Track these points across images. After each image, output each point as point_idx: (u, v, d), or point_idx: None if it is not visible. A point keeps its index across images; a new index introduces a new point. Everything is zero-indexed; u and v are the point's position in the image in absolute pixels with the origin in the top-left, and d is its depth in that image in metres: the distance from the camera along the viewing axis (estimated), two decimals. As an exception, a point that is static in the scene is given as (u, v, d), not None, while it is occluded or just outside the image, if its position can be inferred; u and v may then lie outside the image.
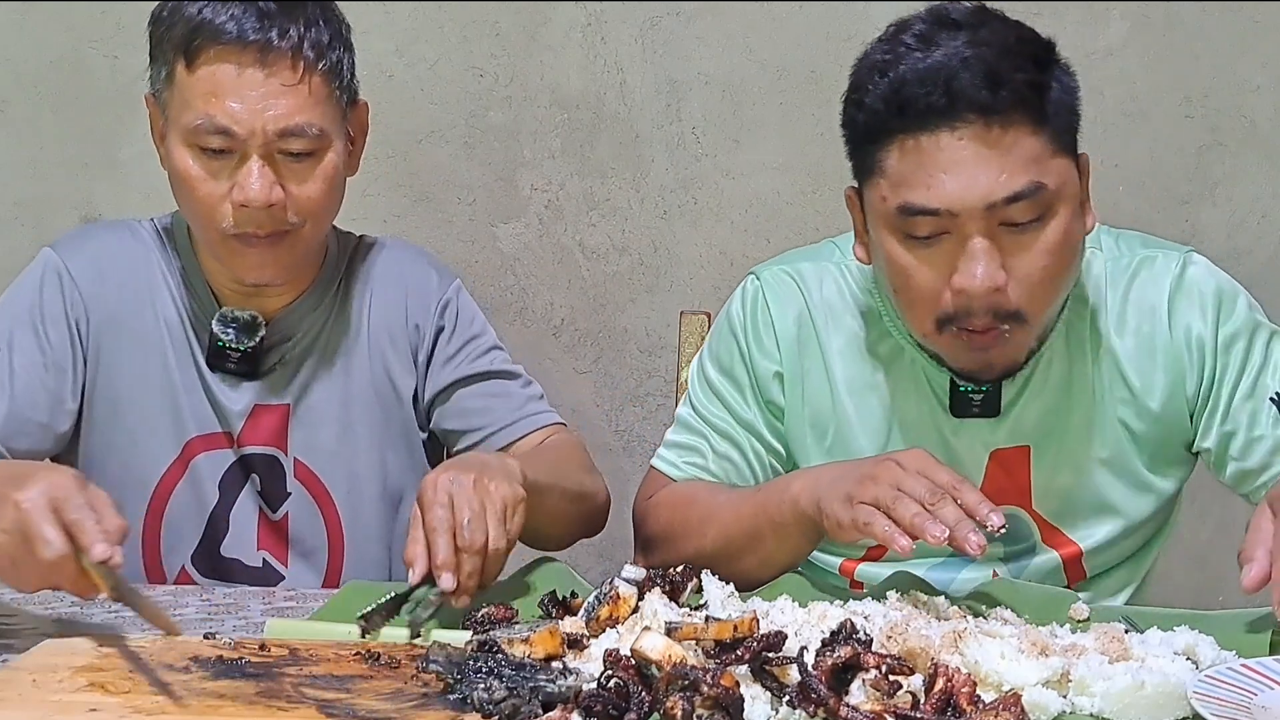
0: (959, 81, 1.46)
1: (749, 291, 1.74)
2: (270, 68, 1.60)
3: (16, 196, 2.52)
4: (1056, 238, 1.51)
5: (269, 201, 1.62)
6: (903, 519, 1.37)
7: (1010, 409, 1.64)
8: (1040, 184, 1.48)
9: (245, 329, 1.73)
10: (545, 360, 2.55)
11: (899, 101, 1.49)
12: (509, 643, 1.23)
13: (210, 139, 1.61)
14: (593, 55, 2.51)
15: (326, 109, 1.65)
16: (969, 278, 1.48)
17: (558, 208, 2.54)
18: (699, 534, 1.59)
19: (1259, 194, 2.53)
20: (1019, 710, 1.12)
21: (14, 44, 2.49)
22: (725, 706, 1.09)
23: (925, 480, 1.39)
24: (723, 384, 1.72)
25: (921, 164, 1.48)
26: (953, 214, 1.48)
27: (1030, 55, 1.50)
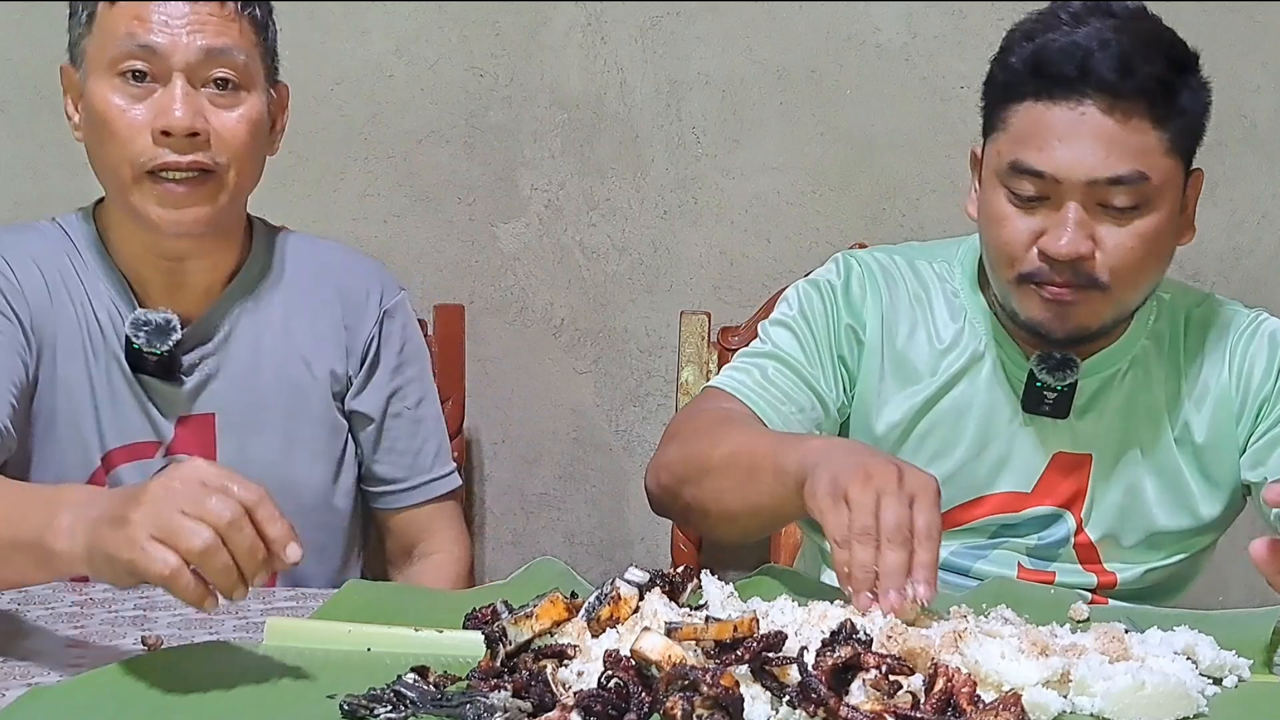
0: (1093, 60, 1.54)
1: (844, 263, 1.78)
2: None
3: (16, 196, 2.52)
4: (1148, 229, 1.57)
5: (191, 127, 1.59)
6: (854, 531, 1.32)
7: (1078, 417, 1.69)
8: (1143, 174, 1.55)
9: (159, 332, 1.68)
10: (545, 360, 2.55)
11: (1035, 65, 1.57)
12: (513, 622, 1.23)
13: (133, 62, 1.59)
14: (593, 55, 2.51)
15: (251, 52, 1.64)
16: (1055, 242, 1.57)
17: (558, 208, 2.54)
18: (713, 443, 1.58)
19: (1259, 194, 2.53)
20: (1019, 710, 1.12)
21: (14, 44, 2.49)
22: (725, 706, 1.09)
23: (905, 513, 1.32)
24: (798, 323, 1.74)
25: (1040, 128, 1.57)
26: (1056, 180, 1.56)
27: (1168, 55, 1.57)
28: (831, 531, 1.34)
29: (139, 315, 1.68)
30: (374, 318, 1.80)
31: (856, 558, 1.31)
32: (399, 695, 1.16)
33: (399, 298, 1.84)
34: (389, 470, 1.83)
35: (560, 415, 2.57)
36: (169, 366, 1.69)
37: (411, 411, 1.83)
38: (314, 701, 1.17)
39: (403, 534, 1.85)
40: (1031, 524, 1.72)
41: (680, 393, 2.22)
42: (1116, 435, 1.70)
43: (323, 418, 1.79)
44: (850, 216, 2.52)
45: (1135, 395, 1.71)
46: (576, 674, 1.18)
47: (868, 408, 1.74)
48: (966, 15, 2.47)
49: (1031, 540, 1.72)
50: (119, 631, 1.41)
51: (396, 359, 1.82)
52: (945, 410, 1.72)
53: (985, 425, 1.71)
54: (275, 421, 1.76)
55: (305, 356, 1.77)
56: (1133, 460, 1.71)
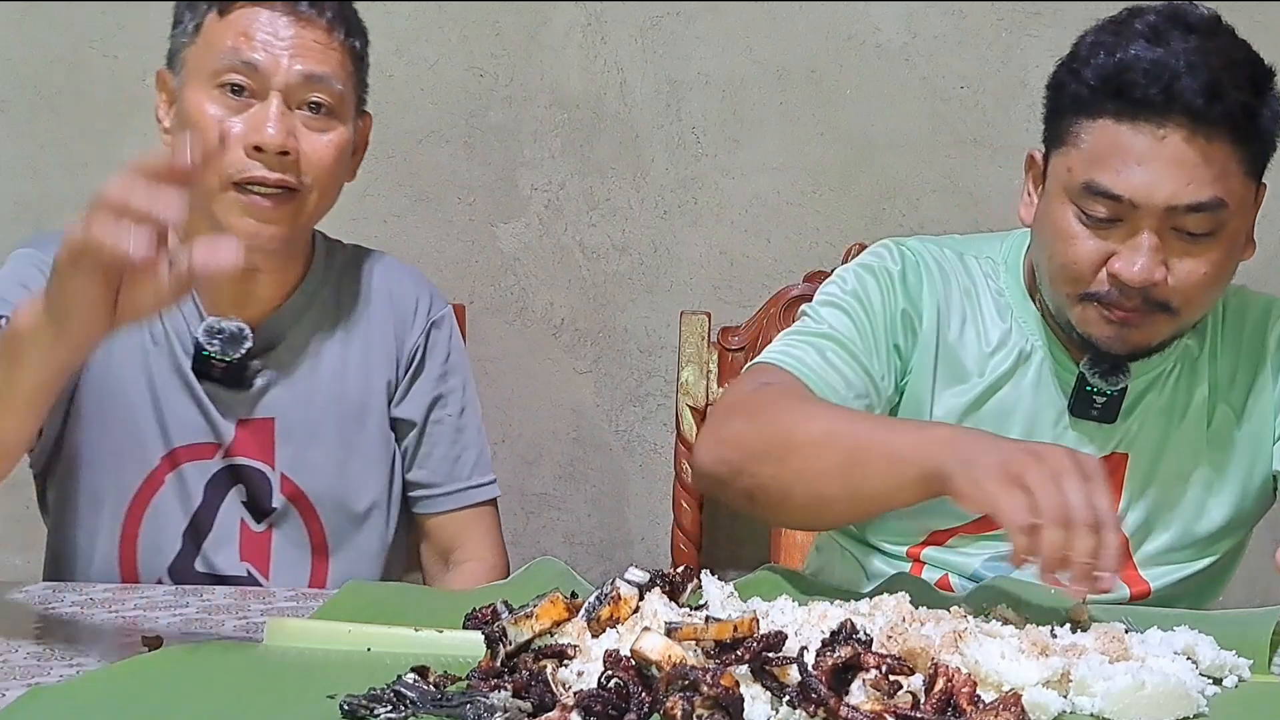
0: (1180, 83, 1.49)
1: (895, 250, 1.72)
2: (303, 23, 1.65)
3: (16, 196, 2.52)
4: (1221, 255, 1.55)
5: (283, 146, 1.62)
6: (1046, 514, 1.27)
7: (1124, 419, 1.67)
8: (1222, 201, 1.52)
9: (231, 341, 1.71)
10: (545, 360, 2.55)
11: (1118, 84, 1.52)
12: (513, 622, 1.23)
13: (234, 75, 1.63)
14: (593, 55, 2.51)
15: (347, 82, 1.69)
16: (1128, 267, 1.53)
17: (558, 208, 2.54)
18: (799, 420, 1.51)
19: (1259, 194, 2.53)
20: (1019, 710, 1.12)
21: (14, 44, 2.49)
22: (725, 706, 1.09)
23: (1086, 493, 1.28)
24: (853, 307, 1.68)
25: (1119, 149, 1.52)
26: (1134, 205, 1.52)
27: (1251, 76, 1.54)
28: (1016, 517, 1.27)
29: (212, 324, 1.71)
30: (421, 328, 1.84)
31: (1051, 541, 1.25)
32: (399, 695, 1.16)
33: (445, 310, 1.88)
34: (426, 475, 1.85)
35: (560, 415, 2.57)
36: (236, 374, 1.72)
37: (453, 419, 1.85)
38: (314, 701, 1.17)
39: (438, 539, 1.87)
40: None
41: (680, 393, 2.22)
42: (1157, 434, 1.68)
43: (378, 426, 1.82)
44: (850, 216, 2.52)
45: (1177, 394, 1.69)
46: (576, 674, 1.18)
47: (918, 402, 1.69)
48: (966, 15, 2.47)
49: None
50: (119, 631, 1.41)
51: (441, 368, 1.85)
52: (990, 411, 1.68)
53: (1030, 428, 1.68)
54: (332, 429, 1.78)
55: (362, 366, 1.80)
56: (1170, 459, 1.68)
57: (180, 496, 1.74)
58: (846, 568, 1.78)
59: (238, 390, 1.73)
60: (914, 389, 1.70)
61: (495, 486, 1.90)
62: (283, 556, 1.77)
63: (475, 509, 1.87)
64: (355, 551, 1.81)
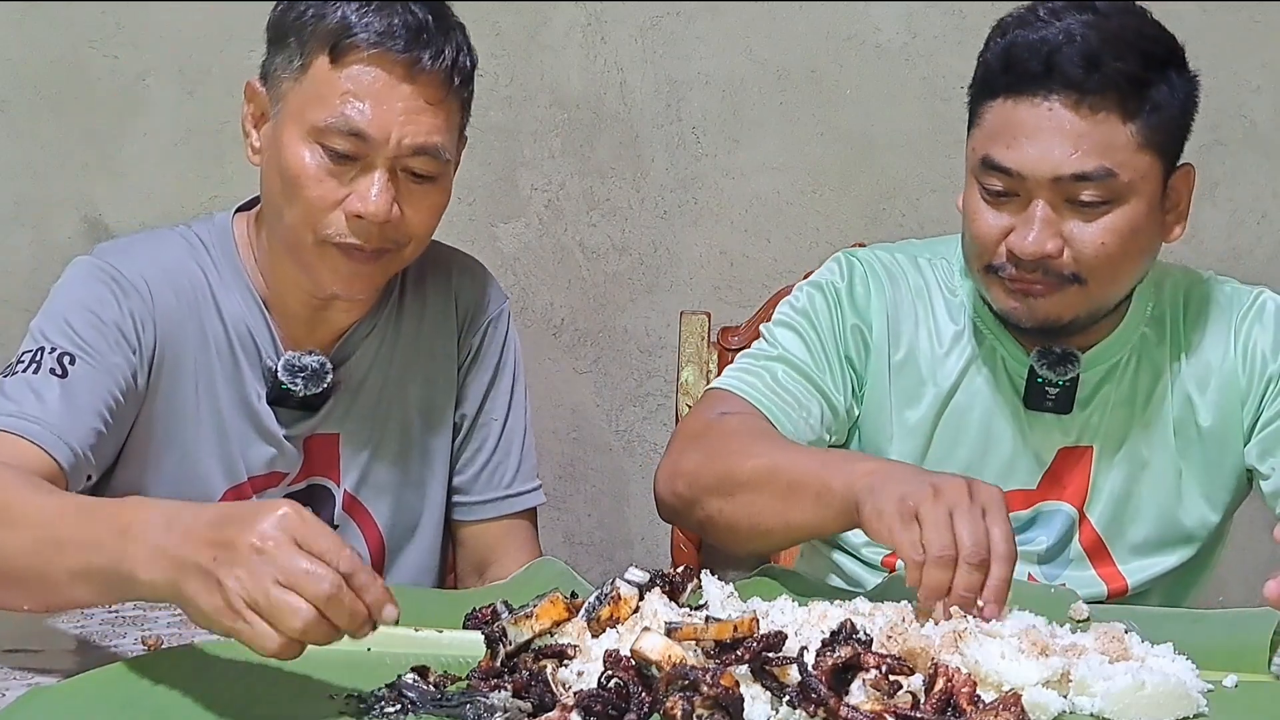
0: (1059, 55, 1.53)
1: (845, 263, 1.77)
2: (418, 83, 1.54)
3: (16, 196, 2.52)
4: (1120, 224, 1.56)
5: (387, 218, 1.54)
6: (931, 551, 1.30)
7: (1080, 409, 1.68)
8: (1110, 170, 1.54)
9: (314, 377, 1.64)
10: (545, 360, 2.55)
11: (1006, 61, 1.57)
12: (513, 622, 1.22)
13: (340, 140, 1.52)
14: (593, 55, 2.51)
15: (454, 136, 1.61)
16: (1021, 240, 1.57)
17: (558, 208, 2.54)
18: (745, 457, 1.56)
19: (1259, 194, 2.53)
20: (1019, 710, 1.12)
21: (14, 44, 2.49)
22: (725, 706, 1.09)
23: (981, 528, 1.31)
24: (803, 326, 1.73)
25: (1009, 124, 1.56)
26: (1022, 177, 1.55)
27: (1141, 50, 1.55)
28: (906, 552, 1.33)
29: (293, 360, 1.64)
30: (479, 326, 1.78)
31: (933, 579, 1.30)
32: (399, 695, 1.17)
33: (503, 306, 1.81)
34: (466, 481, 1.78)
35: (560, 415, 2.57)
36: (314, 404, 1.67)
37: (497, 424, 1.79)
38: (314, 701, 1.17)
39: (473, 549, 1.80)
40: (1038, 524, 1.71)
41: (680, 393, 2.22)
42: (1119, 426, 1.69)
43: (441, 435, 1.76)
44: (850, 216, 2.52)
45: (1137, 384, 1.70)
46: (576, 674, 1.18)
47: (880, 413, 1.72)
48: (966, 15, 2.47)
49: (1040, 546, 1.70)
50: (119, 631, 1.40)
51: (494, 368, 1.79)
52: (950, 416, 1.71)
53: (988, 424, 1.70)
54: (395, 441, 1.73)
55: (427, 374, 1.75)
56: (1134, 449, 1.69)
57: None
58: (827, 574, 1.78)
59: (311, 415, 1.68)
60: (872, 400, 1.73)
61: (538, 494, 1.82)
62: None
63: (513, 520, 1.80)
64: (410, 564, 1.76)
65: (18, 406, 1.48)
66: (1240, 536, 1.80)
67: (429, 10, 1.57)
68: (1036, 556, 1.71)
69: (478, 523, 1.79)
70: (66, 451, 1.47)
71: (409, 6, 1.55)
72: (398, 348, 1.73)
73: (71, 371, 1.52)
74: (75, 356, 1.53)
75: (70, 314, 1.56)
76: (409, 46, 1.53)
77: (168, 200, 2.47)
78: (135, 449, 1.61)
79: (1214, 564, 1.78)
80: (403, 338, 1.73)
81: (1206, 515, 1.71)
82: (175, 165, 2.51)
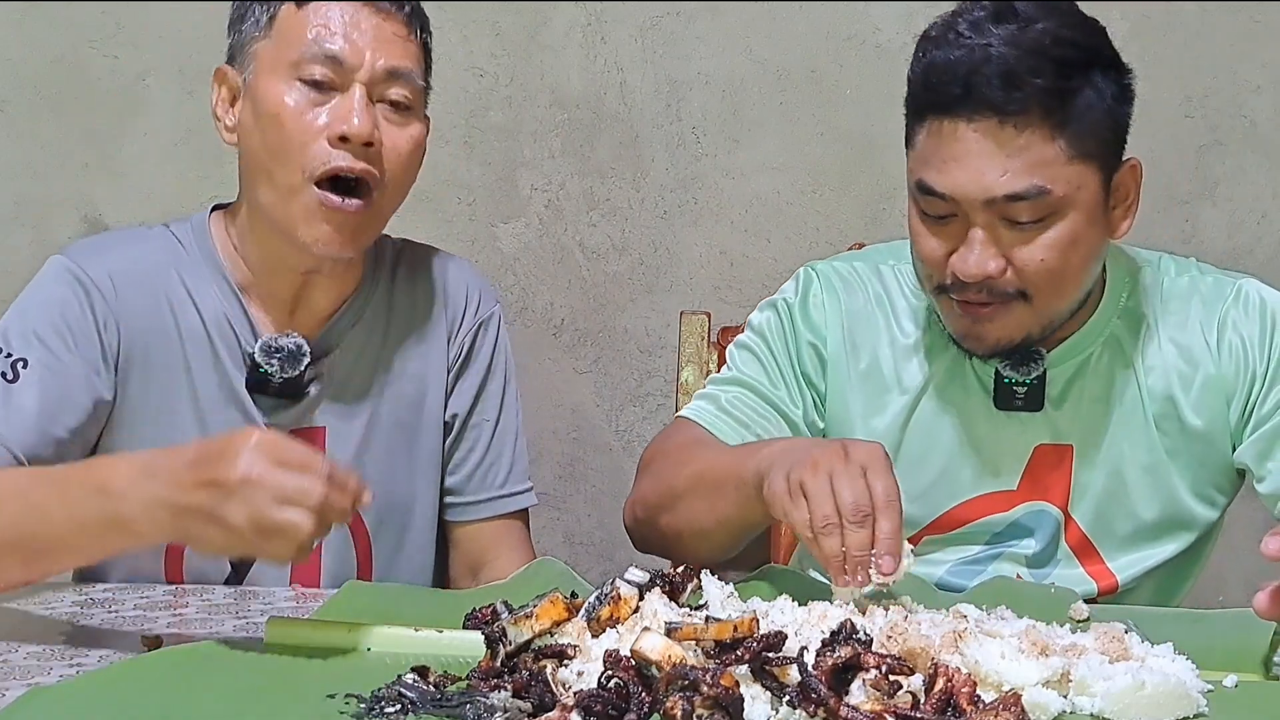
0: (977, 77, 1.50)
1: (803, 278, 1.77)
2: (383, 16, 1.61)
3: (16, 196, 2.52)
4: (1060, 238, 1.54)
5: (370, 136, 1.58)
6: (815, 523, 1.34)
7: (1054, 407, 1.67)
8: (1043, 188, 1.51)
9: (290, 358, 1.66)
10: (545, 360, 2.55)
11: (925, 83, 1.55)
12: (513, 622, 1.23)
13: (316, 67, 1.58)
14: (593, 55, 2.51)
15: (423, 79, 1.66)
16: (962, 262, 1.55)
17: (558, 208, 2.54)
18: (680, 467, 1.61)
19: (1259, 194, 2.53)
20: (1019, 710, 1.12)
21: (14, 44, 2.49)
22: (725, 706, 1.09)
23: (860, 486, 1.34)
24: (759, 345, 1.74)
25: (939, 148, 1.55)
26: (956, 200, 1.54)
27: (1060, 59, 1.51)
28: (798, 528, 1.36)
29: (269, 342, 1.66)
30: (470, 327, 1.80)
31: (826, 548, 1.33)
32: (399, 695, 1.17)
33: (494, 309, 1.83)
34: (458, 481, 1.80)
35: (560, 415, 2.57)
36: (292, 387, 1.68)
37: (489, 424, 1.80)
38: (314, 701, 1.17)
39: (467, 550, 1.81)
40: (1022, 525, 1.70)
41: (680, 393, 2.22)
42: (1096, 422, 1.68)
43: (432, 433, 1.77)
44: (850, 216, 2.52)
45: (1113, 378, 1.68)
46: (576, 674, 1.18)
47: (846, 425, 1.72)
48: (966, 15, 2.47)
49: (1027, 548, 1.69)
50: (119, 631, 1.41)
51: (485, 370, 1.80)
52: (920, 421, 1.70)
53: (962, 427, 1.69)
54: (384, 437, 1.74)
55: (416, 372, 1.76)
56: (1115, 445, 1.68)
57: None
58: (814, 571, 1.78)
59: (293, 402, 1.69)
60: (836, 412, 1.73)
61: (530, 495, 1.83)
62: (331, 572, 1.72)
63: (505, 520, 1.81)
64: (402, 563, 1.76)
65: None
66: (1240, 537, 1.80)
67: None
68: (1025, 559, 1.70)
69: (471, 523, 1.80)
70: (7, 457, 1.51)
71: None
72: (387, 345, 1.74)
73: (23, 376, 1.57)
74: (29, 361, 1.57)
75: (32, 317, 1.61)
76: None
77: (168, 200, 2.47)
78: (110, 444, 1.63)
79: (1207, 557, 1.77)
80: (393, 333, 1.74)
81: (1196, 509, 1.70)
82: (175, 165, 2.51)
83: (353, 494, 1.27)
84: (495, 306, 1.83)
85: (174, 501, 1.25)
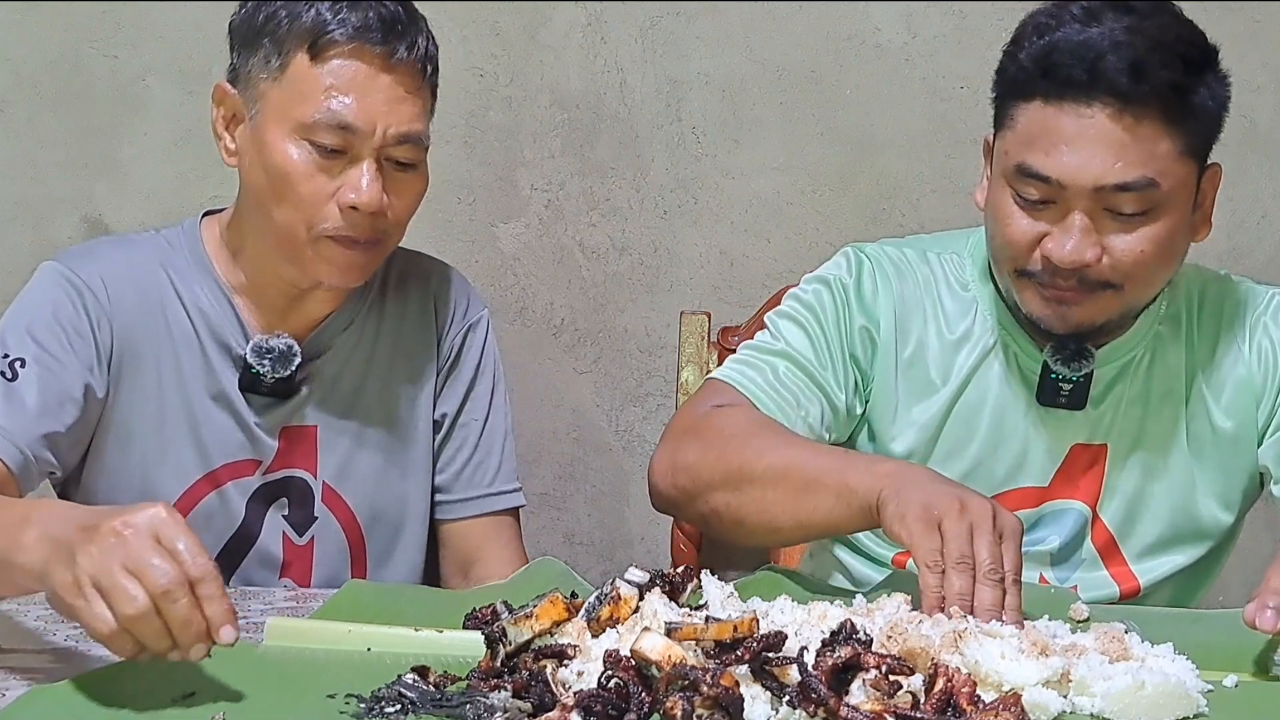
0: (1104, 62, 1.50)
1: (854, 258, 1.74)
2: (395, 74, 1.59)
3: (16, 196, 2.52)
4: (1159, 234, 1.55)
5: (380, 208, 1.59)
6: (950, 557, 1.34)
7: (1094, 407, 1.67)
8: (1153, 181, 1.52)
9: (281, 359, 1.67)
10: (545, 360, 2.55)
11: (1045, 65, 1.53)
12: (513, 622, 1.23)
13: (329, 135, 1.57)
14: (593, 55, 2.51)
15: (428, 123, 1.65)
16: (1059, 249, 1.54)
17: (558, 208, 2.55)
18: (757, 453, 1.56)
19: (1259, 194, 2.53)
20: (1019, 710, 1.12)
21: (14, 44, 2.49)
22: (725, 706, 1.09)
23: (998, 551, 1.34)
24: (809, 321, 1.71)
25: (1048, 130, 1.53)
26: (1062, 186, 1.53)
27: (1184, 56, 1.52)
28: (922, 556, 1.35)
29: (260, 343, 1.67)
30: (458, 330, 1.81)
31: (954, 585, 1.32)
32: (399, 695, 1.17)
33: (481, 313, 1.84)
34: (448, 479, 1.81)
35: (560, 415, 2.57)
36: (286, 389, 1.69)
37: (478, 424, 1.81)
38: (314, 701, 1.17)
39: (457, 548, 1.82)
40: (1049, 522, 1.69)
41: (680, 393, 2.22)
42: (1133, 424, 1.68)
43: (422, 434, 1.79)
44: (850, 216, 2.52)
45: (1151, 382, 1.68)
46: (576, 674, 1.18)
47: (887, 411, 1.71)
48: (966, 15, 2.47)
49: (1052, 545, 1.69)
50: (119, 631, 1.40)
51: (473, 371, 1.81)
52: (960, 412, 1.70)
53: (1000, 420, 1.69)
54: (375, 436, 1.75)
55: (406, 374, 1.78)
56: (1149, 448, 1.68)
57: (222, 514, 1.70)
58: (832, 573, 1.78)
59: (284, 401, 1.70)
60: (879, 397, 1.72)
61: (519, 495, 1.84)
62: (323, 571, 1.73)
63: (496, 518, 1.82)
64: (394, 562, 1.78)
65: None
66: (1241, 538, 1.80)
67: (399, 3, 1.62)
68: (1049, 557, 1.70)
69: (460, 521, 1.81)
70: (14, 453, 1.54)
71: (381, 2, 1.60)
72: (378, 346, 1.76)
73: (21, 375, 1.59)
74: (26, 360, 1.59)
75: (27, 318, 1.63)
76: (386, 39, 1.58)
77: (168, 200, 2.47)
78: (102, 443, 1.66)
79: (1223, 563, 1.77)
80: (383, 337, 1.76)
81: (1219, 515, 1.70)
82: (175, 165, 2.51)
83: (212, 615, 1.14)
84: (483, 311, 1.85)
85: (54, 535, 1.19)
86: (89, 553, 1.15)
